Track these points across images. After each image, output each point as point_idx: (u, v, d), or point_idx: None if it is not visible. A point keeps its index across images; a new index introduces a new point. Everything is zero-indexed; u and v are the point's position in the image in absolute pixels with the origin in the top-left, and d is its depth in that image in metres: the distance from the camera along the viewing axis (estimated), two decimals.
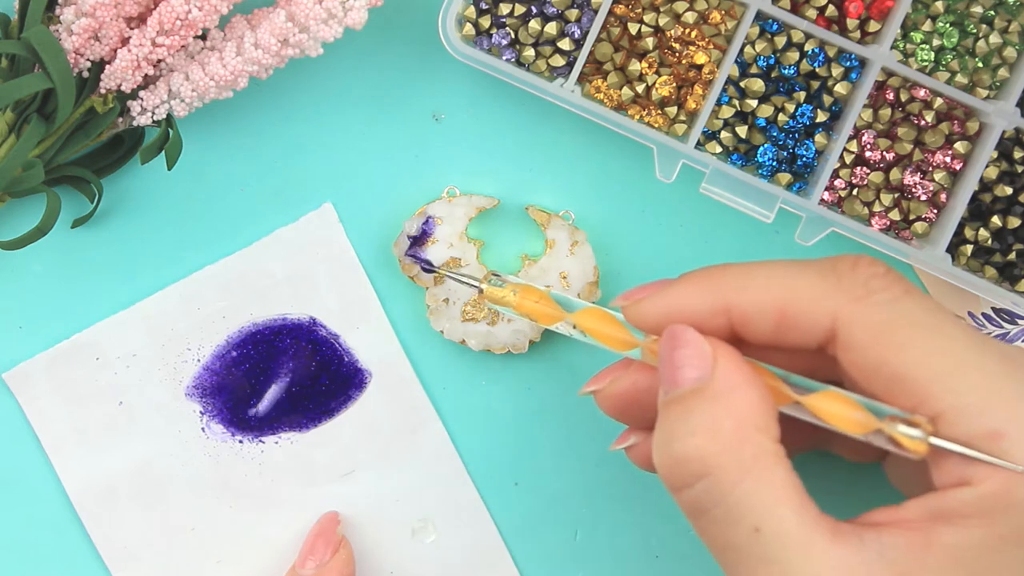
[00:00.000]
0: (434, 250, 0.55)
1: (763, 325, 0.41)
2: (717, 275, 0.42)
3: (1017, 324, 0.57)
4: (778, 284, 0.41)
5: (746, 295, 0.41)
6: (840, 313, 0.40)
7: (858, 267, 0.41)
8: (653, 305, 0.43)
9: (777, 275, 0.41)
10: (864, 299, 0.40)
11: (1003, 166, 0.53)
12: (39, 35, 0.50)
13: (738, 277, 0.42)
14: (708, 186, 0.53)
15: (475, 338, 0.55)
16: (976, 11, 0.54)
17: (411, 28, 0.57)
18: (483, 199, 0.56)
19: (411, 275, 0.55)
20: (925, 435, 0.38)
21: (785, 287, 0.41)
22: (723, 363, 0.40)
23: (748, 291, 0.41)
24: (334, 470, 0.57)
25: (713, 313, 0.42)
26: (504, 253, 0.57)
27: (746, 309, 0.41)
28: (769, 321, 0.41)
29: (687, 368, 0.40)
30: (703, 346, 0.41)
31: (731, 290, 0.42)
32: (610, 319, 0.45)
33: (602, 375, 0.46)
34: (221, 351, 0.57)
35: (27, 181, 0.52)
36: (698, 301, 0.42)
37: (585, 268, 0.55)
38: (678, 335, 0.41)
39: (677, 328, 0.42)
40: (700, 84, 0.54)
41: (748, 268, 0.42)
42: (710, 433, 0.39)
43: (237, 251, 0.57)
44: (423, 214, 0.55)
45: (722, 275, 0.42)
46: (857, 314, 0.40)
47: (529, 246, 0.57)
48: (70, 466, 0.56)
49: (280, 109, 0.57)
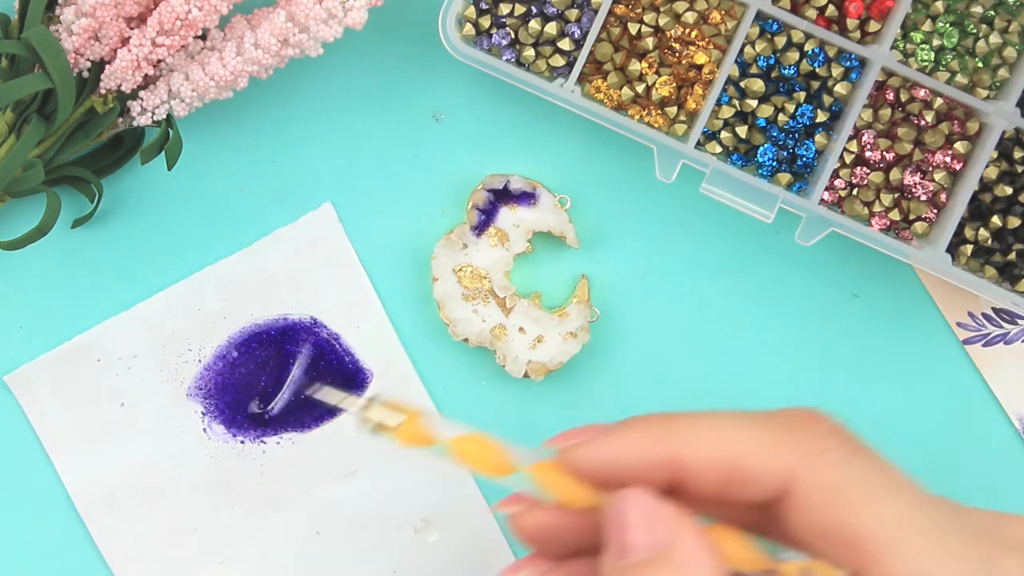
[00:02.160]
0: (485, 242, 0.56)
1: (711, 480, 0.40)
2: (662, 425, 0.40)
3: (1017, 324, 0.57)
4: (730, 437, 0.39)
5: (695, 450, 0.39)
6: (795, 472, 0.39)
7: (812, 423, 0.39)
8: (593, 451, 0.40)
9: (728, 427, 0.40)
10: (818, 457, 0.39)
11: (1003, 166, 0.53)
12: (39, 35, 0.50)
13: (686, 427, 0.40)
14: (708, 186, 0.53)
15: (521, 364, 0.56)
16: (976, 11, 0.54)
17: (411, 28, 0.57)
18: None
19: None
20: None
21: (737, 441, 0.39)
22: (685, 530, 0.38)
23: (697, 445, 0.39)
24: (336, 470, 0.57)
25: (655, 466, 0.40)
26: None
27: (695, 463, 0.39)
28: (718, 477, 0.39)
29: (644, 534, 0.38)
30: (665, 511, 0.39)
31: (679, 443, 0.40)
32: (488, 446, 0.42)
33: (518, 498, 0.43)
34: (222, 351, 0.57)
35: (27, 181, 0.52)
36: (641, 452, 0.40)
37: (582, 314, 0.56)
38: (637, 498, 0.39)
39: (634, 491, 0.39)
40: (700, 84, 0.54)
41: (697, 418, 0.40)
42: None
43: (237, 251, 0.57)
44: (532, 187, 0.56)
45: (670, 423, 0.40)
46: (813, 472, 0.39)
47: (550, 287, 0.57)
48: (72, 468, 0.56)
49: (280, 109, 0.57)
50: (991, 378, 0.57)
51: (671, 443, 0.40)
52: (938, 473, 0.58)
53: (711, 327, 0.57)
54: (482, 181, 0.56)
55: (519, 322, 0.56)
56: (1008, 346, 0.57)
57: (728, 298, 0.57)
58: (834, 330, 0.57)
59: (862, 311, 0.58)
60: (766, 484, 0.39)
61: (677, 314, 0.57)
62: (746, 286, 0.57)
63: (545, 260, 0.57)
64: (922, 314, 0.57)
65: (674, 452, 0.39)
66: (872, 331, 0.57)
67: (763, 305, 0.57)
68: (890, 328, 0.58)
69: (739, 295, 0.57)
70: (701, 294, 0.57)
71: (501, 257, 0.56)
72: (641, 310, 0.57)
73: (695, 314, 0.57)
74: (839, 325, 0.57)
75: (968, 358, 0.57)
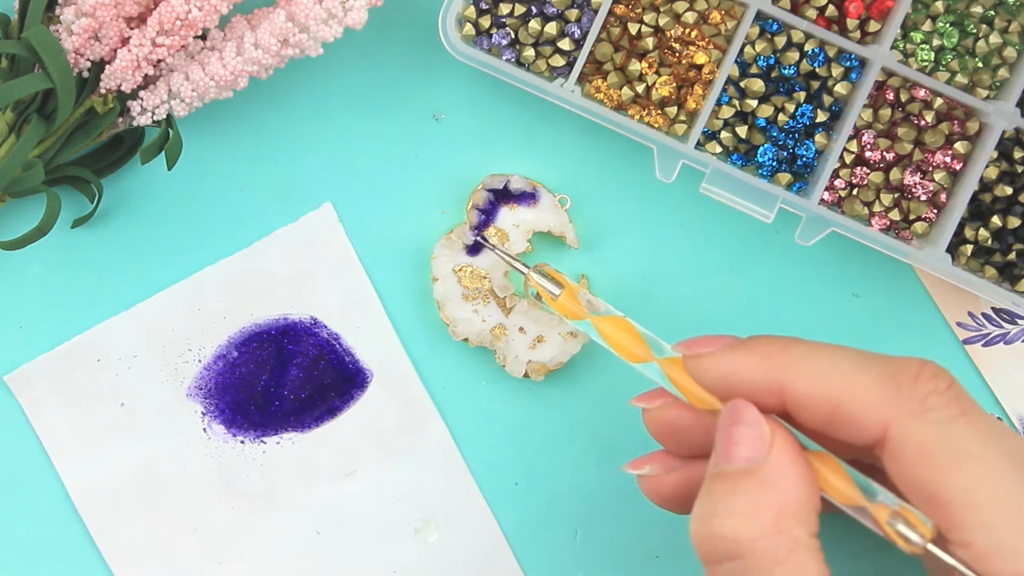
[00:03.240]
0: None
1: (815, 415, 0.41)
2: (779, 351, 0.42)
3: (1017, 324, 0.57)
4: (836, 379, 0.41)
5: (802, 383, 0.41)
6: (892, 424, 0.40)
7: (920, 379, 0.40)
8: (714, 365, 0.43)
9: (837, 368, 0.41)
10: (919, 415, 0.40)
11: (1003, 166, 0.53)
12: (39, 35, 0.50)
13: (799, 360, 0.42)
14: (708, 186, 0.53)
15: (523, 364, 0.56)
16: (976, 11, 0.54)
17: (411, 28, 0.57)
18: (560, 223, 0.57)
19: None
20: (923, 539, 0.39)
21: (842, 384, 0.41)
22: (778, 449, 0.40)
23: (804, 379, 0.41)
24: (336, 470, 0.57)
25: (769, 390, 0.42)
26: None
27: (800, 396, 0.41)
28: (822, 413, 0.41)
29: (742, 446, 0.41)
30: (762, 428, 0.41)
31: (790, 373, 0.41)
32: (631, 331, 0.46)
33: (654, 394, 0.46)
34: (222, 351, 0.57)
35: (27, 181, 0.52)
36: (757, 374, 0.42)
37: None
38: (739, 411, 0.41)
39: (740, 404, 0.42)
40: (700, 84, 0.54)
41: (811, 351, 0.42)
42: (751, 517, 0.39)
43: (237, 251, 0.57)
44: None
45: (784, 352, 0.42)
46: (909, 429, 0.40)
47: None
48: (72, 468, 0.56)
49: (280, 109, 0.57)
50: (991, 378, 0.57)
51: (783, 371, 0.41)
52: None
53: (711, 327, 0.57)
54: (482, 181, 0.56)
55: (519, 322, 0.56)
56: (1008, 346, 0.57)
57: (728, 298, 0.57)
58: (834, 330, 0.57)
59: (862, 311, 0.58)
60: (864, 429, 0.40)
61: (677, 314, 0.57)
62: (746, 286, 0.57)
63: (545, 260, 0.57)
64: (922, 314, 0.57)
65: (785, 381, 0.41)
66: (872, 331, 0.57)
67: (763, 305, 0.57)
68: (890, 328, 0.58)
69: (739, 295, 0.57)
70: (701, 294, 0.57)
71: None
72: (641, 310, 0.57)
73: (695, 314, 0.57)
74: (839, 325, 0.57)
75: (968, 358, 0.57)
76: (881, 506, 0.40)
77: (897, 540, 0.40)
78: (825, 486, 0.41)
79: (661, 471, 0.46)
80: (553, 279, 0.49)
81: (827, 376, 0.41)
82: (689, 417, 0.45)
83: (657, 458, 0.47)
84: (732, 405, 0.42)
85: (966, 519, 0.38)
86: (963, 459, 0.39)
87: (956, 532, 0.39)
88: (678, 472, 0.46)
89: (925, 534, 0.39)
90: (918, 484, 0.39)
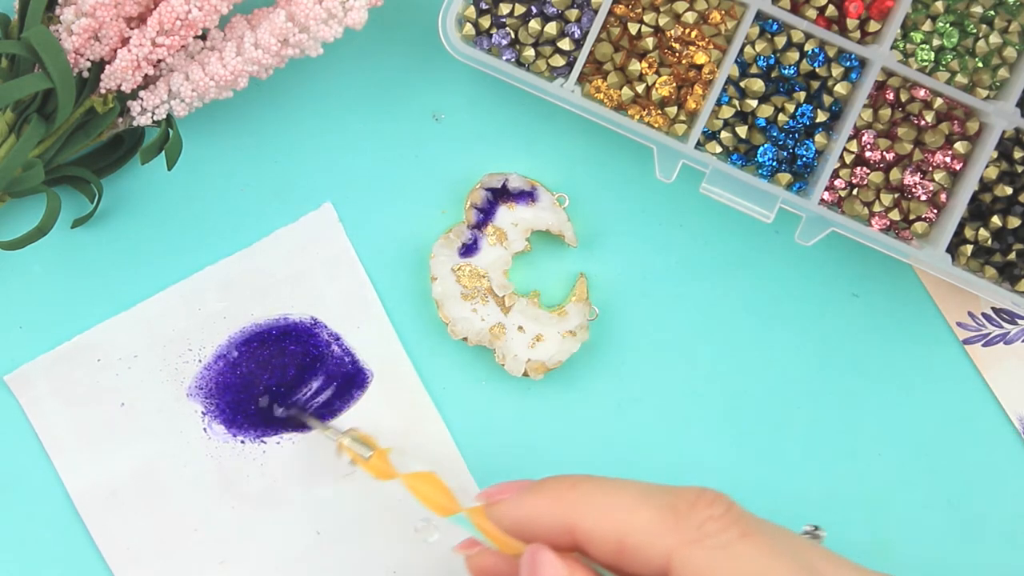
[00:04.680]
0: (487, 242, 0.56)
1: (604, 550, 0.42)
2: (567, 490, 0.43)
3: (1017, 324, 0.57)
4: (619, 514, 0.41)
5: (588, 521, 0.42)
6: (674, 554, 0.40)
7: (696, 507, 0.41)
8: (509, 510, 0.44)
9: (620, 503, 0.42)
10: (697, 542, 0.40)
11: (1003, 166, 0.53)
12: (39, 35, 0.50)
13: (584, 498, 0.42)
14: (708, 186, 0.53)
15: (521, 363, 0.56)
16: (976, 11, 0.54)
17: (411, 28, 0.57)
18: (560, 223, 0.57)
19: None
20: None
21: (624, 519, 0.41)
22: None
23: (590, 518, 0.42)
24: (336, 470, 0.57)
25: (563, 529, 0.42)
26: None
27: (588, 533, 0.42)
28: (609, 548, 0.42)
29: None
30: (558, 571, 0.42)
31: (576, 511, 0.42)
32: (438, 485, 0.48)
33: (470, 542, 0.47)
34: (222, 351, 0.57)
35: (27, 181, 0.52)
36: (548, 515, 0.43)
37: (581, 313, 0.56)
38: (536, 556, 0.42)
39: (534, 549, 0.42)
40: (700, 84, 0.54)
41: (596, 488, 0.43)
42: None
43: (237, 251, 0.57)
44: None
45: (571, 491, 0.43)
46: (689, 557, 0.40)
47: (549, 285, 0.57)
48: (72, 468, 0.56)
49: (280, 109, 0.57)
50: (991, 378, 0.57)
51: (570, 511, 0.43)
52: (938, 473, 0.58)
53: (710, 327, 0.57)
54: (480, 180, 0.56)
55: (518, 321, 0.56)
56: (1008, 346, 0.57)
57: (728, 298, 0.57)
58: (834, 330, 0.57)
59: (862, 311, 0.58)
60: (649, 561, 0.41)
61: (676, 313, 0.57)
62: (746, 286, 0.57)
63: (544, 259, 0.57)
64: (922, 314, 0.58)
65: (570, 520, 0.42)
66: (872, 331, 0.57)
67: (763, 305, 0.57)
68: (890, 328, 0.58)
69: (739, 295, 0.57)
70: (701, 293, 0.57)
71: (500, 256, 0.56)
72: (640, 309, 0.57)
73: (694, 313, 0.57)
74: (839, 325, 0.57)
75: (968, 358, 0.57)
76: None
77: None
78: None
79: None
80: (365, 443, 0.52)
81: (609, 513, 0.42)
82: (505, 562, 0.46)
83: None
84: (528, 552, 0.43)
85: None
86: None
87: None
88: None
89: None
90: None
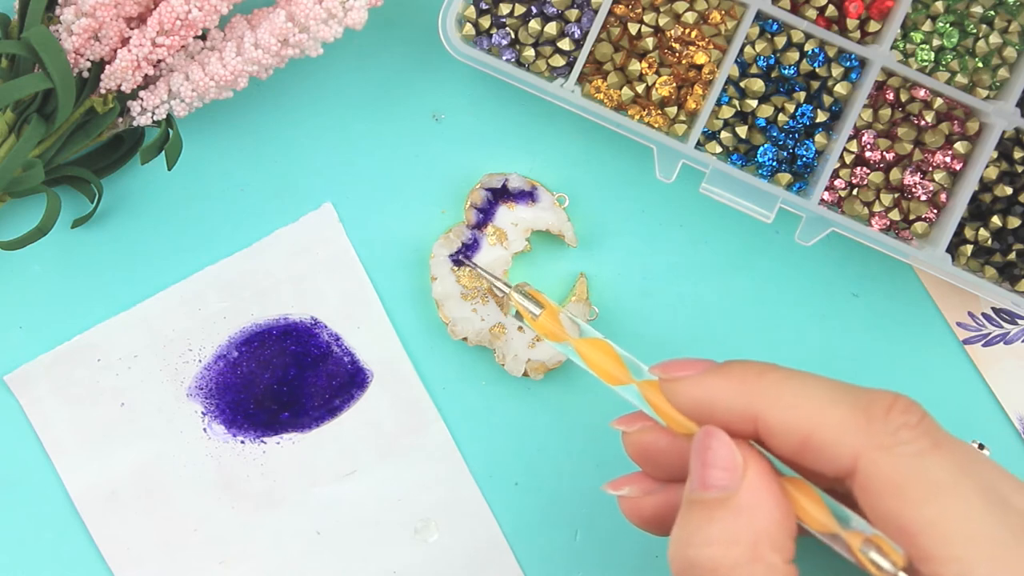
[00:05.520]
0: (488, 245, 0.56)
1: (786, 444, 0.41)
2: (754, 377, 0.42)
3: (1017, 324, 0.57)
4: (807, 409, 0.41)
5: (774, 412, 0.41)
6: (862, 457, 0.40)
7: (891, 412, 0.40)
8: (689, 388, 0.43)
9: (809, 398, 0.41)
10: (889, 448, 0.40)
11: (1003, 166, 0.53)
12: (39, 35, 0.50)
13: (772, 387, 0.42)
14: (708, 186, 0.53)
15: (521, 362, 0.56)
16: (976, 11, 0.54)
17: (411, 28, 0.57)
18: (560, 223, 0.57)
19: None
20: (895, 568, 0.39)
21: (813, 415, 0.41)
22: (751, 476, 0.41)
23: (777, 408, 0.41)
24: (336, 470, 0.57)
25: (743, 416, 0.42)
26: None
27: (772, 425, 0.41)
28: (792, 442, 0.41)
29: (716, 474, 0.41)
30: (734, 456, 0.41)
31: (762, 400, 0.41)
32: (611, 353, 0.46)
33: (633, 417, 0.46)
34: (222, 351, 0.57)
35: (27, 181, 0.52)
36: (731, 400, 0.42)
37: None
38: (712, 438, 0.41)
39: (712, 431, 0.42)
40: (700, 84, 0.54)
41: (784, 380, 0.42)
42: (726, 545, 0.39)
43: (237, 251, 0.57)
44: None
45: (758, 379, 0.42)
46: (879, 462, 0.39)
47: (549, 285, 0.57)
48: (72, 468, 0.56)
49: (280, 109, 0.57)
50: (991, 378, 0.57)
51: (756, 399, 0.42)
52: None
53: (711, 327, 0.57)
54: (480, 180, 0.56)
55: (518, 320, 0.56)
56: (1008, 346, 0.57)
57: (728, 298, 0.57)
58: (834, 330, 0.57)
59: (862, 311, 0.58)
60: (834, 461, 0.40)
61: (677, 313, 0.57)
62: (746, 286, 0.57)
63: (544, 259, 0.57)
64: (922, 314, 0.58)
65: (757, 409, 0.41)
66: (872, 331, 0.57)
67: (763, 305, 0.57)
68: (890, 328, 0.58)
69: (739, 295, 0.57)
70: (701, 294, 0.57)
71: (500, 256, 0.56)
72: (640, 309, 0.57)
73: (695, 314, 0.57)
74: (839, 325, 0.57)
75: (968, 358, 0.57)
76: (854, 533, 0.40)
77: (869, 567, 0.40)
78: (800, 512, 0.41)
79: (640, 493, 0.46)
80: (534, 299, 0.49)
81: (799, 406, 0.41)
82: (667, 441, 0.45)
83: (636, 479, 0.47)
84: (703, 432, 0.42)
85: (936, 551, 0.38)
86: (933, 491, 0.39)
87: (927, 564, 0.39)
88: (657, 495, 0.46)
89: (897, 562, 0.39)
90: (888, 516, 0.39)
